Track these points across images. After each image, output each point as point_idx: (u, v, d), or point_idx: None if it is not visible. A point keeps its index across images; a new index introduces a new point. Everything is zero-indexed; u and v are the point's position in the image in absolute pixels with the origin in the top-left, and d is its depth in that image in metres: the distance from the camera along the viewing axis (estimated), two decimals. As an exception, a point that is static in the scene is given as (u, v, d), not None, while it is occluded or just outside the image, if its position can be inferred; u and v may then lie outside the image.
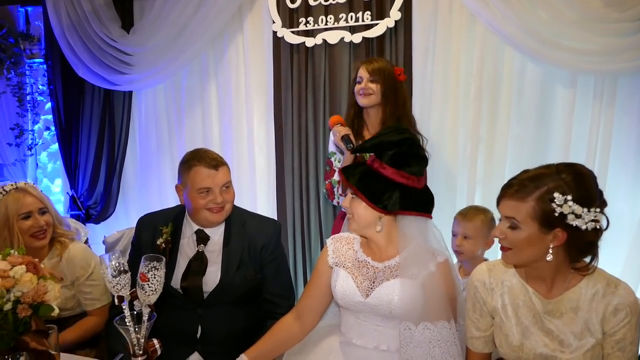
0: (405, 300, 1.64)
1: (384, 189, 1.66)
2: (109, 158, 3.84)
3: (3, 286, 1.15)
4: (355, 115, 2.66)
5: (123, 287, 1.46)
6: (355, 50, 3.13)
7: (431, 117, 3.07)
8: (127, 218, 3.99)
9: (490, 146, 3.02)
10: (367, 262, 1.77)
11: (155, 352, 1.51)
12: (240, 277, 1.99)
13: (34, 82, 4.02)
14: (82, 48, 3.65)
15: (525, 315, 1.54)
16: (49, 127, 4.10)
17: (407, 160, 1.66)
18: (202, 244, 2.03)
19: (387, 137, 1.71)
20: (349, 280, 1.76)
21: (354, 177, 1.70)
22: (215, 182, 1.95)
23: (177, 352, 1.90)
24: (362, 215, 1.71)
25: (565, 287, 1.49)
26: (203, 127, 3.69)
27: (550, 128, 2.92)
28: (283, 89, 3.31)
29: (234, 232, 2.06)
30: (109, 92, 3.76)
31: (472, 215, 2.34)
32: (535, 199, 1.40)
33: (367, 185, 1.67)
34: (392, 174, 1.65)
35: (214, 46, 3.55)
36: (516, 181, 1.47)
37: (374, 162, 1.69)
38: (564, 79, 2.83)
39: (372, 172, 1.68)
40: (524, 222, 1.43)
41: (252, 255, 2.03)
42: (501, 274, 1.61)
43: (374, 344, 1.73)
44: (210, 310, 1.97)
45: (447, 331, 1.60)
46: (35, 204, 2.08)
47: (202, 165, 1.96)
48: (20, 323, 1.17)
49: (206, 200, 1.95)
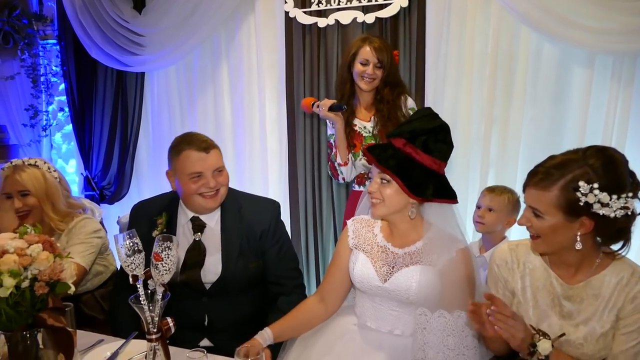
0: (423, 287, 1.63)
1: (422, 177, 1.62)
2: (122, 139, 3.86)
3: (20, 264, 1.17)
4: (350, 92, 2.67)
5: (137, 267, 1.48)
6: (368, 30, 3.08)
7: (444, 97, 3.03)
8: (140, 198, 3.97)
9: (504, 127, 2.99)
10: (387, 247, 1.75)
11: (169, 330, 1.54)
12: (241, 267, 1.94)
13: (48, 63, 4.04)
14: (95, 29, 3.66)
15: (544, 299, 1.53)
16: (62, 108, 4.13)
17: (436, 146, 1.63)
18: (198, 232, 1.96)
19: (422, 123, 1.66)
20: (368, 264, 1.75)
21: (388, 163, 1.64)
22: (207, 165, 1.87)
23: (188, 338, 1.89)
24: (393, 200, 1.66)
25: (591, 273, 1.47)
26: (215, 108, 3.69)
27: (566, 109, 2.87)
28: (295, 70, 3.29)
29: (231, 218, 1.97)
30: (122, 74, 3.77)
31: (499, 192, 2.42)
32: (560, 188, 1.36)
33: (404, 172, 1.62)
34: (427, 160, 1.62)
35: (226, 27, 3.53)
36: (542, 169, 1.43)
37: (406, 146, 1.64)
38: (581, 59, 2.77)
39: (407, 157, 1.63)
40: (547, 212, 1.40)
41: (252, 244, 1.97)
42: (524, 255, 1.60)
43: (388, 328, 1.73)
44: (215, 298, 1.94)
45: (462, 321, 1.57)
46: (15, 186, 2.07)
47: (192, 148, 1.87)
48: (38, 300, 1.20)
49: (198, 185, 1.87)
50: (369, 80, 2.56)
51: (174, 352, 1.57)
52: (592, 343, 1.44)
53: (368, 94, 2.64)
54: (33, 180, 2.09)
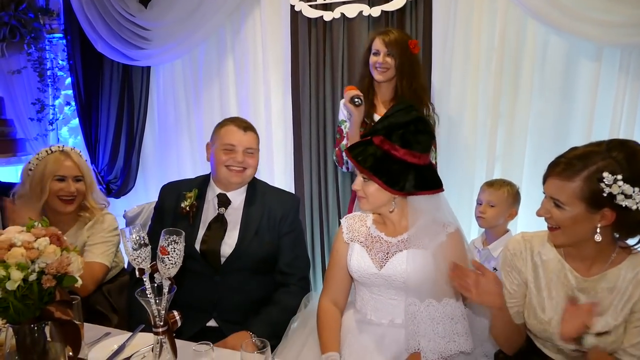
0: (417, 269, 1.66)
1: (399, 172, 1.65)
2: (128, 133, 3.87)
3: (28, 257, 1.17)
4: (369, 86, 2.67)
5: (144, 260, 1.48)
6: (374, 24, 3.07)
7: (451, 91, 3.02)
8: (146, 192, 4.04)
9: (510, 121, 2.97)
10: (381, 237, 1.80)
11: (176, 323, 1.54)
12: (256, 243, 2.01)
13: (54, 57, 4.05)
14: (101, 23, 3.66)
15: (558, 291, 1.53)
16: (69, 102, 4.14)
17: (415, 138, 1.65)
18: (222, 207, 2.06)
19: (396, 118, 1.69)
20: (364, 253, 1.79)
21: (365, 162, 1.67)
22: (241, 141, 2.01)
23: (195, 318, 1.95)
24: (376, 197, 1.71)
25: (606, 267, 1.47)
26: (220, 102, 3.69)
27: (573, 103, 2.85)
28: (300, 64, 3.28)
29: (255, 199, 2.09)
30: (128, 67, 3.78)
31: (498, 186, 2.44)
32: (583, 179, 1.36)
33: (381, 169, 1.66)
34: (404, 154, 1.64)
35: (231, 20, 3.52)
36: (563, 159, 1.42)
37: (383, 143, 1.66)
38: (589, 52, 2.75)
39: (384, 154, 1.66)
40: (568, 203, 1.39)
41: (271, 225, 2.06)
42: (538, 246, 1.60)
43: (388, 318, 1.75)
44: (226, 278, 2.00)
45: (451, 308, 1.60)
46: (72, 170, 2.15)
47: (233, 124, 2.05)
48: (45, 293, 1.20)
49: (227, 157, 2.00)
50: (382, 70, 2.57)
51: (180, 345, 1.58)
52: (604, 335, 1.44)
53: (386, 88, 2.64)
54: (85, 166, 2.22)
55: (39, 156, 2.16)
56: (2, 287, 1.14)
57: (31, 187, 2.12)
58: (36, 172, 2.13)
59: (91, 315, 2.09)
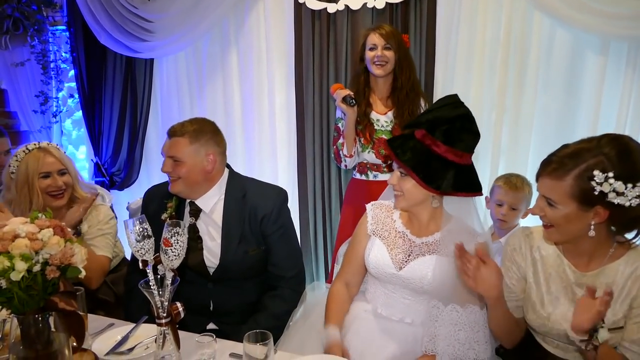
0: (438, 277, 1.62)
1: (438, 169, 1.58)
2: (132, 125, 3.88)
3: (32, 248, 1.17)
4: (365, 83, 2.65)
5: (147, 252, 1.49)
6: (378, 16, 3.05)
7: (454, 85, 3.01)
8: (149, 184, 3.98)
9: (515, 116, 2.96)
10: (406, 234, 1.73)
11: (179, 315, 1.55)
12: (241, 252, 1.94)
13: (57, 49, 4.05)
14: (104, 14, 3.65)
15: (556, 286, 1.52)
16: (72, 94, 4.14)
17: (460, 136, 1.58)
18: (193, 216, 1.99)
19: (441, 112, 1.62)
20: (384, 250, 1.74)
21: (404, 155, 1.60)
22: (165, 150, 1.96)
23: (194, 322, 1.92)
24: (412, 194, 1.64)
25: (605, 262, 1.46)
26: (224, 95, 3.68)
27: (579, 97, 2.84)
28: (304, 56, 3.27)
29: (233, 204, 1.98)
30: (131, 60, 3.77)
31: (520, 187, 2.37)
32: (574, 177, 1.35)
33: (420, 165, 1.58)
34: (445, 152, 1.57)
35: (235, 13, 3.51)
36: (555, 158, 1.41)
37: (425, 137, 1.59)
38: (595, 45, 2.73)
39: (424, 149, 1.59)
40: (560, 202, 1.38)
41: (254, 228, 1.96)
42: (537, 241, 1.59)
43: (399, 316, 1.72)
44: (219, 284, 1.96)
45: (475, 316, 1.56)
46: (55, 165, 2.12)
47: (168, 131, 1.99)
48: (49, 284, 1.21)
49: (162, 167, 1.96)
50: (381, 63, 2.55)
51: (183, 337, 1.58)
52: (617, 331, 1.43)
53: (383, 84, 2.62)
54: (66, 158, 2.20)
55: (17, 157, 2.11)
56: (7, 277, 1.14)
57: (17, 189, 2.09)
58: (19, 174, 2.09)
59: (96, 305, 2.13)
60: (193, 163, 1.92)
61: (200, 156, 1.93)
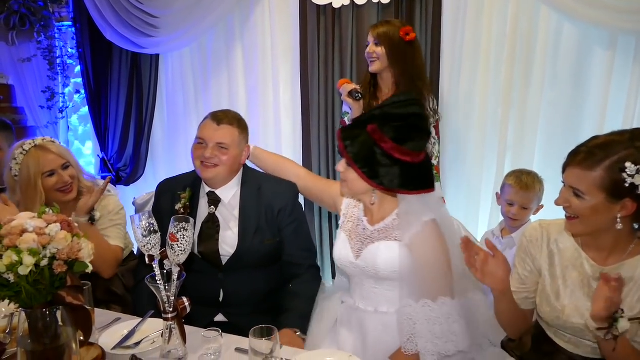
0: (388, 262, 1.65)
1: (383, 165, 1.59)
2: (138, 121, 3.89)
3: (40, 243, 1.18)
4: (372, 79, 2.66)
5: (153, 247, 1.50)
6: (384, 11, 3.04)
7: (461, 80, 2.99)
8: (155, 180, 4.05)
9: (522, 111, 2.94)
10: (363, 222, 1.78)
11: (185, 309, 1.56)
12: (257, 242, 1.98)
13: (64, 45, 4.06)
14: (109, 10, 3.65)
15: (574, 280, 1.52)
16: (79, 90, 4.16)
17: (410, 135, 1.59)
18: (213, 205, 2.02)
19: (393, 108, 1.62)
20: (346, 242, 1.79)
21: (353, 147, 1.62)
22: (212, 136, 1.93)
23: (203, 313, 1.94)
24: (355, 184, 1.68)
25: (624, 257, 1.46)
26: (229, 90, 3.68)
27: (586, 92, 2.82)
28: (309, 52, 3.26)
29: (250, 196, 2.02)
30: (136, 56, 3.78)
31: (531, 186, 2.35)
32: (605, 169, 1.35)
33: (364, 159, 1.61)
34: (392, 149, 1.57)
35: (240, 8, 3.50)
36: (584, 148, 1.40)
37: (374, 132, 1.59)
38: (603, 39, 2.71)
39: (372, 143, 1.60)
40: (588, 193, 1.38)
41: (270, 220, 2.00)
42: (555, 234, 1.59)
43: (374, 306, 1.75)
44: (230, 274, 1.98)
45: (447, 308, 1.56)
46: (57, 161, 2.09)
47: (210, 118, 1.98)
48: (57, 279, 1.21)
49: (199, 153, 1.95)
50: (372, 60, 2.56)
51: (189, 331, 1.59)
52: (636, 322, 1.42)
53: (388, 80, 2.61)
54: (65, 151, 2.17)
55: (17, 160, 2.06)
56: (15, 272, 1.15)
57: (23, 192, 2.06)
58: (22, 177, 2.05)
59: (107, 297, 2.17)
60: (236, 152, 1.98)
61: (241, 147, 2.01)
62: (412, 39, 2.54)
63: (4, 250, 1.17)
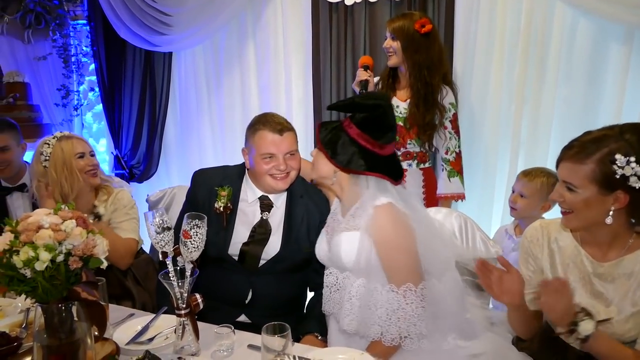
0: (348, 252, 1.69)
1: (343, 145, 1.68)
2: (151, 118, 3.91)
3: (55, 239, 1.20)
4: (390, 71, 2.69)
5: (166, 244, 1.51)
6: (396, 7, 3.02)
7: (473, 75, 2.97)
8: (168, 177, 4.09)
9: (535, 107, 2.90)
10: (336, 214, 1.87)
11: (198, 306, 1.57)
12: (297, 249, 1.99)
13: (78, 43, 4.10)
14: (123, 8, 3.68)
15: (574, 277, 1.52)
16: (93, 88, 4.20)
17: (375, 126, 1.67)
18: (266, 211, 2.01)
19: (361, 99, 1.73)
20: (323, 236, 1.87)
21: (323, 133, 1.74)
22: (280, 148, 1.92)
23: (226, 313, 1.94)
24: (320, 166, 1.76)
25: (623, 253, 1.46)
26: (241, 88, 3.69)
27: (602, 89, 2.77)
28: (321, 49, 3.26)
29: (296, 202, 2.03)
30: (150, 54, 3.81)
31: (533, 176, 2.36)
32: (596, 161, 1.37)
33: (329, 142, 1.71)
34: (355, 134, 1.67)
35: (252, 5, 3.50)
36: (577, 142, 1.43)
37: (344, 120, 1.72)
38: (619, 34, 2.66)
39: (341, 129, 1.70)
40: (580, 186, 1.40)
41: (311, 231, 2.01)
42: (555, 233, 1.60)
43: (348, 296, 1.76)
44: (262, 277, 1.99)
45: (412, 295, 1.61)
46: (86, 147, 2.28)
47: (267, 129, 1.92)
48: (72, 274, 1.23)
49: (270, 166, 1.92)
50: (389, 54, 2.60)
51: (202, 328, 1.60)
52: (621, 322, 1.43)
53: (405, 73, 2.62)
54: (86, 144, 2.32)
55: (49, 143, 2.21)
56: (31, 267, 1.17)
57: (57, 173, 2.17)
58: (56, 160, 2.18)
59: (120, 290, 2.22)
60: (299, 154, 2.05)
61: None
62: (427, 31, 2.52)
63: (21, 246, 1.19)
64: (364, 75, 2.59)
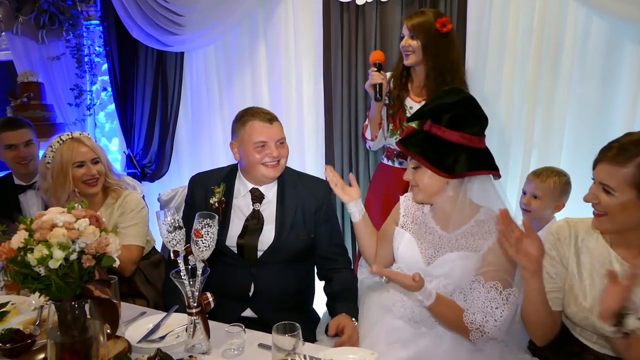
0: (464, 273, 1.62)
1: (448, 152, 1.59)
2: (163, 118, 3.94)
3: (69, 237, 1.21)
4: (404, 70, 2.65)
5: (178, 243, 1.52)
6: (407, 7, 3.01)
7: (486, 75, 2.94)
8: (180, 176, 4.11)
9: (549, 107, 2.87)
10: (435, 229, 1.74)
11: (209, 305, 1.58)
12: (292, 236, 2.02)
13: (91, 43, 4.13)
14: (135, 9, 3.71)
15: (601, 278, 1.48)
16: (105, 87, 4.23)
17: (466, 121, 1.59)
18: (257, 202, 2.06)
19: (444, 99, 1.64)
20: (414, 244, 1.75)
21: (414, 147, 1.63)
22: (271, 136, 1.98)
23: (231, 307, 1.98)
24: (428, 184, 1.66)
25: None
26: (253, 88, 3.70)
27: (616, 88, 2.74)
28: (333, 49, 3.25)
29: (288, 191, 2.08)
30: (162, 54, 3.83)
31: (545, 176, 2.34)
32: (637, 165, 1.33)
33: (429, 152, 1.60)
34: (452, 136, 1.58)
35: (263, 5, 3.51)
36: (617, 144, 1.38)
37: (431, 127, 1.62)
38: (633, 34, 2.62)
39: (432, 137, 1.61)
40: (618, 189, 1.36)
41: (307, 218, 2.06)
42: (583, 233, 1.56)
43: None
44: (263, 269, 2.01)
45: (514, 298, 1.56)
46: (89, 154, 2.21)
47: (257, 119, 1.99)
48: (85, 272, 1.24)
49: (262, 155, 1.98)
50: (407, 53, 2.55)
51: (213, 326, 1.61)
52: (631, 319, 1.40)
53: (420, 73, 2.60)
54: (98, 147, 2.29)
55: (52, 148, 2.21)
56: (45, 265, 1.18)
57: (54, 178, 2.18)
58: (55, 164, 2.18)
59: (130, 290, 2.23)
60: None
61: None
62: (448, 30, 2.49)
63: (35, 244, 1.20)
64: (377, 77, 2.53)
